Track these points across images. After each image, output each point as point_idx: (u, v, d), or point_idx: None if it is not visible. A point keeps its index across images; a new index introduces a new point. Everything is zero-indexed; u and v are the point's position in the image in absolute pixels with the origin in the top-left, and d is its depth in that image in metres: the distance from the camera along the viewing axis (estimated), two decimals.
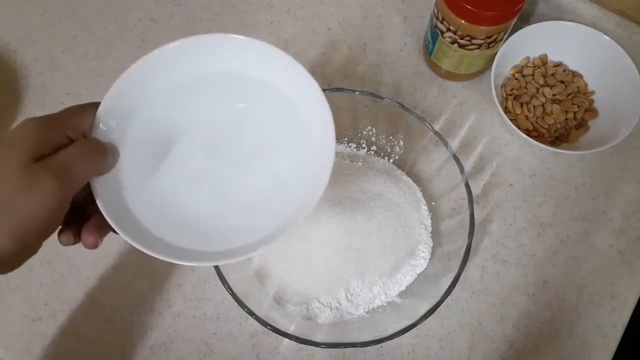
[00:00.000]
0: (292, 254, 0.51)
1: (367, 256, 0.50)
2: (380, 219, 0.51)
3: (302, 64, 0.37)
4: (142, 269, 0.56)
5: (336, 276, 0.50)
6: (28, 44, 0.65)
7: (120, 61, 0.64)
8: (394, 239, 0.51)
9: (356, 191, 0.52)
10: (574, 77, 0.61)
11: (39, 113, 0.31)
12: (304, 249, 0.51)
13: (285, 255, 0.51)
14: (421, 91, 0.63)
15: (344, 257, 0.50)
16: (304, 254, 0.51)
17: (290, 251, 0.51)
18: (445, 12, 0.54)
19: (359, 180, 0.54)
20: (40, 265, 0.56)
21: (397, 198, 0.53)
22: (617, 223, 0.57)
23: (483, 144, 0.61)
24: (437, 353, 0.53)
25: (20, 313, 0.55)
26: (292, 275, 0.51)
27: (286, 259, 0.51)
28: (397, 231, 0.52)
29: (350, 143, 0.59)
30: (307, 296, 0.51)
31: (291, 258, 0.51)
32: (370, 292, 0.51)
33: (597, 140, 0.56)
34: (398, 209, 0.53)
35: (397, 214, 0.53)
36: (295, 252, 0.51)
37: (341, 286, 0.51)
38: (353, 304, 0.51)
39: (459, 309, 0.54)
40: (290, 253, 0.51)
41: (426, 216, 0.55)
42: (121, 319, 0.54)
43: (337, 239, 0.50)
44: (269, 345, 0.53)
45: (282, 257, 0.51)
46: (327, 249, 0.50)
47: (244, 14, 0.67)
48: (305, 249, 0.50)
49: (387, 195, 0.53)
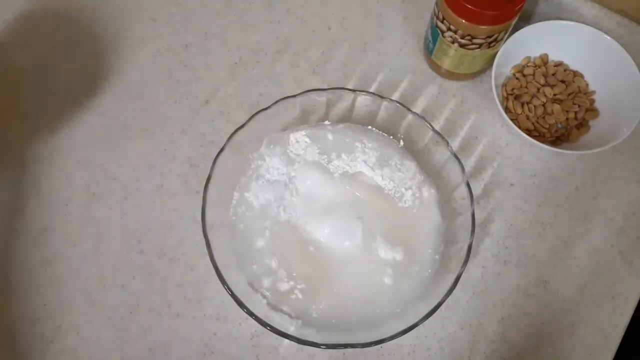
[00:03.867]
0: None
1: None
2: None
3: (302, 63, 0.37)
4: (142, 269, 0.56)
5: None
6: (28, 44, 0.65)
7: (120, 61, 0.64)
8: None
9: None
10: (575, 76, 0.61)
11: (39, 113, 0.31)
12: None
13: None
14: (421, 91, 0.63)
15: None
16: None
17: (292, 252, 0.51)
18: (446, 12, 0.54)
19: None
20: (39, 265, 0.56)
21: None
22: (618, 223, 0.57)
23: (483, 144, 0.60)
24: (438, 353, 0.53)
25: (19, 313, 0.55)
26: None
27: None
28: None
29: None
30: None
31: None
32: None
33: (598, 140, 0.56)
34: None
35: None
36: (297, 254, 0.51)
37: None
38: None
39: (460, 310, 0.54)
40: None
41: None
42: (121, 319, 0.54)
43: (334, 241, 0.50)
44: (269, 346, 0.53)
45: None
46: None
47: (244, 14, 0.67)
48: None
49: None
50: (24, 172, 0.60)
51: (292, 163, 0.54)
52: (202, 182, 0.49)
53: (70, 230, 0.57)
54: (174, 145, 0.61)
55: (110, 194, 0.59)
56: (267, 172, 0.53)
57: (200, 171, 0.59)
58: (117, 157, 0.60)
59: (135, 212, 0.58)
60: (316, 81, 0.63)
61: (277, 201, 0.52)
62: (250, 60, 0.64)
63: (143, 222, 0.58)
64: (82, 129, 0.62)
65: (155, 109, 0.62)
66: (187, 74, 0.64)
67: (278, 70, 0.64)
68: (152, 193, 0.59)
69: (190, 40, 0.65)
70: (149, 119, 0.62)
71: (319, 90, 0.53)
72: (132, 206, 0.58)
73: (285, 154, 0.54)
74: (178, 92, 0.63)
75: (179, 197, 0.59)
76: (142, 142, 0.61)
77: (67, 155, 0.60)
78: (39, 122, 0.62)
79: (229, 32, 0.66)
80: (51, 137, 0.61)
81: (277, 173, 0.53)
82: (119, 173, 0.60)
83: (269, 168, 0.53)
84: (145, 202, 0.58)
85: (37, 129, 0.61)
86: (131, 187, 0.59)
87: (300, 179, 0.53)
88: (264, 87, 0.63)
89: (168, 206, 0.58)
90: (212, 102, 0.62)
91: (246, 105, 0.62)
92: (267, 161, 0.54)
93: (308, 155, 0.54)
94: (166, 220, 0.58)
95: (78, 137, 0.61)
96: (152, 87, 0.63)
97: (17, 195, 0.59)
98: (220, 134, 0.61)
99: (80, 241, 0.57)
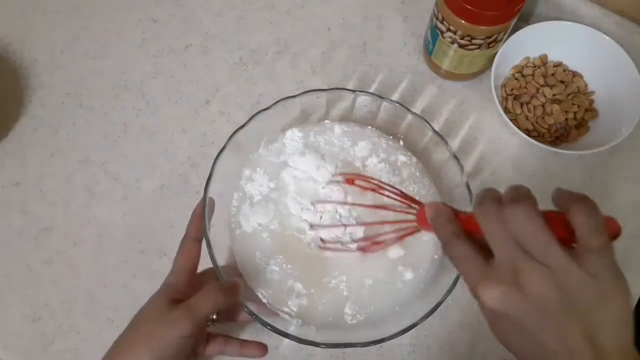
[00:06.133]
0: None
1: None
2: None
3: (302, 64, 0.37)
4: (142, 269, 0.56)
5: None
6: (28, 44, 0.66)
7: (120, 61, 0.64)
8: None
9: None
10: (574, 77, 0.61)
11: (39, 113, 0.32)
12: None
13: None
14: (421, 91, 0.63)
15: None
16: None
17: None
18: (446, 12, 0.54)
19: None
20: (40, 265, 0.56)
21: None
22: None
23: (483, 144, 0.61)
24: (437, 353, 0.53)
25: (20, 313, 0.55)
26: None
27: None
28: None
29: None
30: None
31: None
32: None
33: (597, 140, 0.56)
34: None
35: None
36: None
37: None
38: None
39: (459, 309, 0.54)
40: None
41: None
42: (121, 319, 0.54)
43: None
44: (269, 345, 0.53)
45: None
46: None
47: (244, 14, 0.67)
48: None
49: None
50: (25, 172, 0.60)
51: (284, 167, 0.54)
52: (203, 182, 0.49)
53: (71, 230, 0.58)
54: (174, 145, 0.61)
55: (110, 193, 0.59)
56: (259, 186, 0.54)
57: (200, 171, 0.59)
58: (118, 157, 0.60)
59: (136, 212, 0.58)
60: (316, 81, 0.63)
61: (274, 204, 0.53)
62: (250, 61, 0.64)
63: (144, 221, 0.58)
64: (83, 128, 0.62)
65: (156, 109, 0.62)
66: (188, 74, 0.64)
67: (278, 70, 0.64)
68: (152, 193, 0.59)
69: (190, 41, 0.65)
70: (150, 119, 0.62)
71: (319, 91, 0.54)
72: (133, 206, 0.58)
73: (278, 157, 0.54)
74: (178, 92, 0.63)
75: (179, 197, 0.59)
76: (143, 142, 0.61)
77: (68, 155, 0.61)
78: (40, 121, 0.62)
79: (229, 33, 0.66)
80: (52, 137, 0.61)
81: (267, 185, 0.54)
82: (120, 173, 0.60)
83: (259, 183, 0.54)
84: (146, 202, 0.59)
85: (37, 129, 0.62)
86: (132, 187, 0.59)
87: (294, 177, 0.53)
88: (264, 87, 0.63)
89: (168, 206, 0.58)
90: (213, 103, 0.63)
91: (246, 105, 0.62)
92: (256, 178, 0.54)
93: (306, 154, 0.54)
94: (166, 220, 0.58)
95: (79, 137, 0.61)
96: (152, 87, 0.63)
97: (18, 195, 0.59)
98: (221, 134, 0.61)
99: (81, 241, 0.57)
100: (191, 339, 0.41)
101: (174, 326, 0.40)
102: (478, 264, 0.32)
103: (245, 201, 0.53)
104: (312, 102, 0.55)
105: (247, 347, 0.48)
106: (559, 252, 0.29)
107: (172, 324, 0.40)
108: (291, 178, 0.53)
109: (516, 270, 0.30)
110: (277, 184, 0.53)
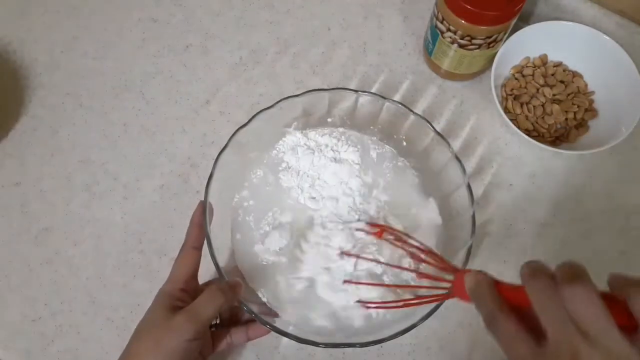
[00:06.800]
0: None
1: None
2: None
3: (302, 64, 0.37)
4: (142, 268, 0.56)
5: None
6: (28, 44, 0.66)
7: (120, 61, 0.64)
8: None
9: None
10: (574, 77, 0.61)
11: (39, 113, 0.31)
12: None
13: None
14: (421, 91, 0.63)
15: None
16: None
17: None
18: (446, 12, 0.54)
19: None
20: (40, 265, 0.56)
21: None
22: (617, 223, 0.57)
23: (483, 144, 0.61)
24: (437, 353, 0.53)
25: (20, 313, 0.55)
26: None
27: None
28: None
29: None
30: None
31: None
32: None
33: (597, 140, 0.56)
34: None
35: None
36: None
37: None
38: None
39: (459, 309, 0.54)
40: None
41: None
42: (121, 319, 0.54)
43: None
44: (268, 345, 0.53)
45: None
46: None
47: (244, 14, 0.67)
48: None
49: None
50: (25, 172, 0.60)
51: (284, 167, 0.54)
52: (203, 182, 0.49)
53: (71, 230, 0.58)
54: (174, 145, 0.61)
55: (110, 193, 0.59)
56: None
57: (200, 171, 0.59)
58: (118, 157, 0.60)
59: (136, 212, 0.58)
60: (316, 82, 0.63)
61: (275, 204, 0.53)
62: (250, 61, 0.64)
63: (144, 222, 0.58)
64: (83, 128, 0.62)
65: (156, 109, 0.62)
66: (188, 74, 0.64)
67: (278, 70, 0.64)
68: (152, 193, 0.59)
69: (190, 41, 0.65)
70: (150, 118, 0.62)
71: (321, 90, 0.53)
72: (133, 206, 0.58)
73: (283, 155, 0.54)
74: (178, 92, 0.63)
75: (179, 197, 0.59)
76: (143, 142, 0.61)
77: (68, 155, 0.61)
78: (40, 121, 0.62)
79: (229, 33, 0.66)
80: (52, 137, 0.61)
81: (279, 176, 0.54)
82: (120, 173, 0.60)
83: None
84: (146, 202, 0.59)
85: (37, 129, 0.62)
86: (132, 187, 0.59)
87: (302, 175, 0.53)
88: (264, 87, 0.63)
89: (168, 206, 0.58)
90: (213, 103, 0.63)
91: (246, 105, 0.62)
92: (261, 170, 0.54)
93: (306, 154, 0.54)
94: (166, 220, 0.58)
95: (79, 137, 0.61)
96: (152, 87, 0.63)
97: (18, 195, 0.59)
98: (221, 134, 0.61)
99: (81, 241, 0.57)
100: (196, 343, 0.42)
101: (178, 331, 0.41)
102: (530, 345, 0.30)
103: (248, 201, 0.53)
104: (314, 102, 0.55)
105: (254, 329, 0.49)
106: (619, 339, 0.28)
107: (177, 329, 0.41)
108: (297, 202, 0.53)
109: (575, 354, 0.28)
110: (277, 184, 0.53)
